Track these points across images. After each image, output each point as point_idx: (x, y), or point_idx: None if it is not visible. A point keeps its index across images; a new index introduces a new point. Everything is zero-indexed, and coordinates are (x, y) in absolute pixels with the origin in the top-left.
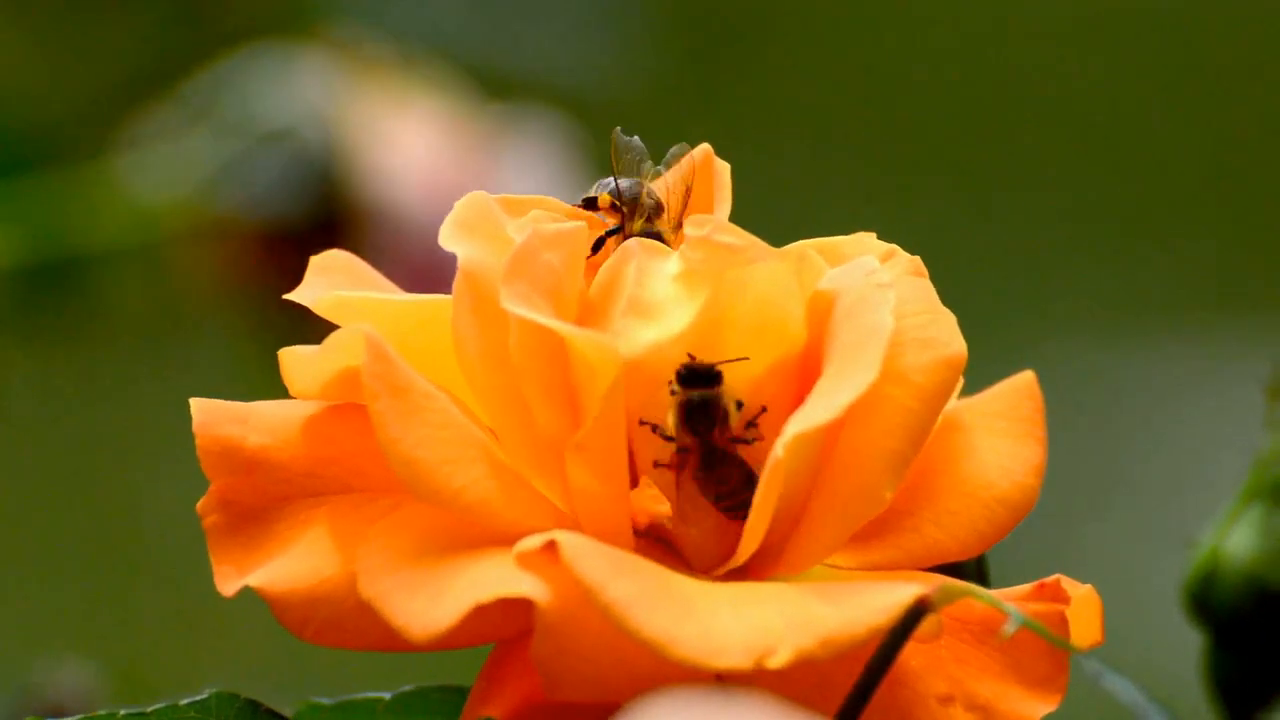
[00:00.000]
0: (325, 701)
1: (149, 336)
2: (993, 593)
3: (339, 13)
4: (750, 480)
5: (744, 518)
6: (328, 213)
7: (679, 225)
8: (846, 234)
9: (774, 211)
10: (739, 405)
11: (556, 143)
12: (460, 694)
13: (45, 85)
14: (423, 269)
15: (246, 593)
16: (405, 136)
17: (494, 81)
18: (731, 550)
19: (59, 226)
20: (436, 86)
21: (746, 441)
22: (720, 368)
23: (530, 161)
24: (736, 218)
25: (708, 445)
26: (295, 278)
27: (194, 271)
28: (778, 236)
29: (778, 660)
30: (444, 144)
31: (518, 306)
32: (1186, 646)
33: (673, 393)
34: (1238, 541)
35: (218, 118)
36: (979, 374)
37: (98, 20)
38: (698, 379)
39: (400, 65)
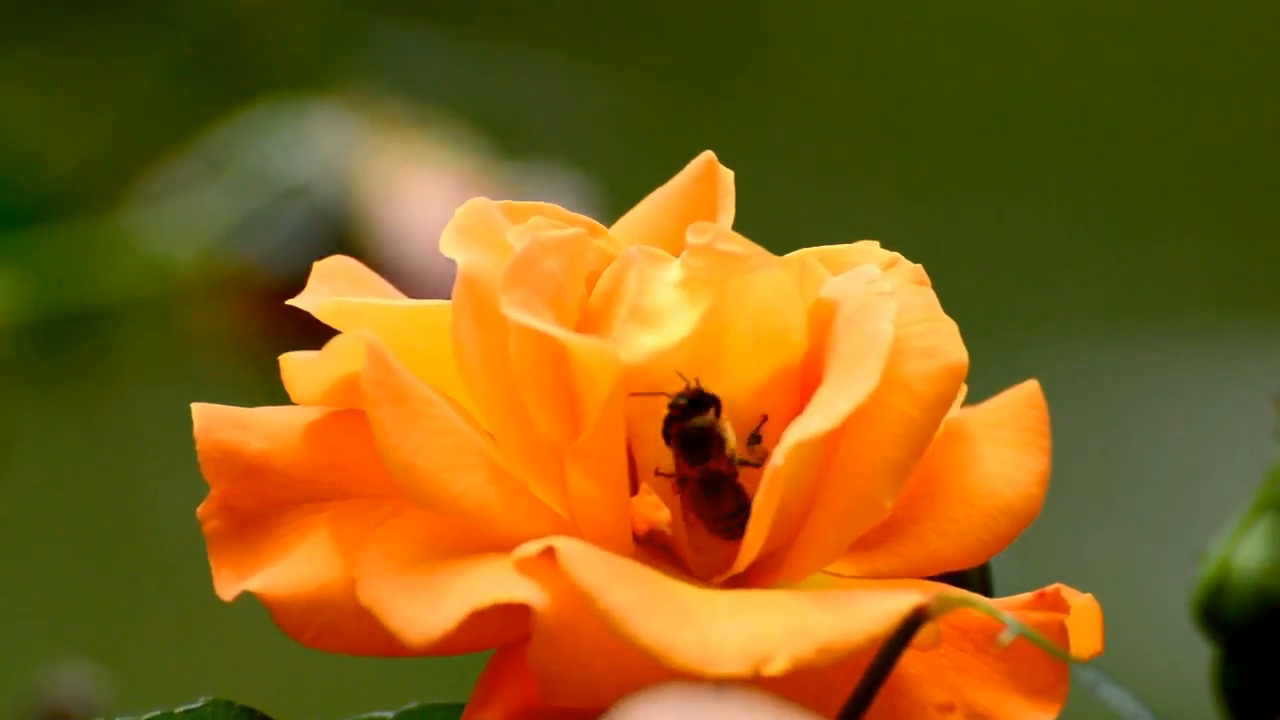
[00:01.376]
0: None
1: (160, 387)
2: (992, 601)
3: (356, 69)
4: (743, 506)
5: (738, 537)
6: None
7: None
8: (846, 238)
9: (773, 214)
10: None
11: (571, 198)
12: (463, 711)
13: (62, 138)
14: None
15: (250, 599)
16: (421, 193)
17: (509, 138)
18: (731, 558)
19: (74, 279)
20: (452, 143)
21: (751, 464)
22: (715, 393)
23: None
24: (738, 226)
25: (706, 472)
26: (309, 333)
27: (207, 325)
28: (778, 242)
29: (775, 668)
30: (459, 201)
31: (518, 313)
32: (1192, 649)
33: (669, 423)
34: (1248, 553)
35: (234, 172)
36: (980, 376)
37: (115, 73)
38: (694, 408)
39: (417, 122)
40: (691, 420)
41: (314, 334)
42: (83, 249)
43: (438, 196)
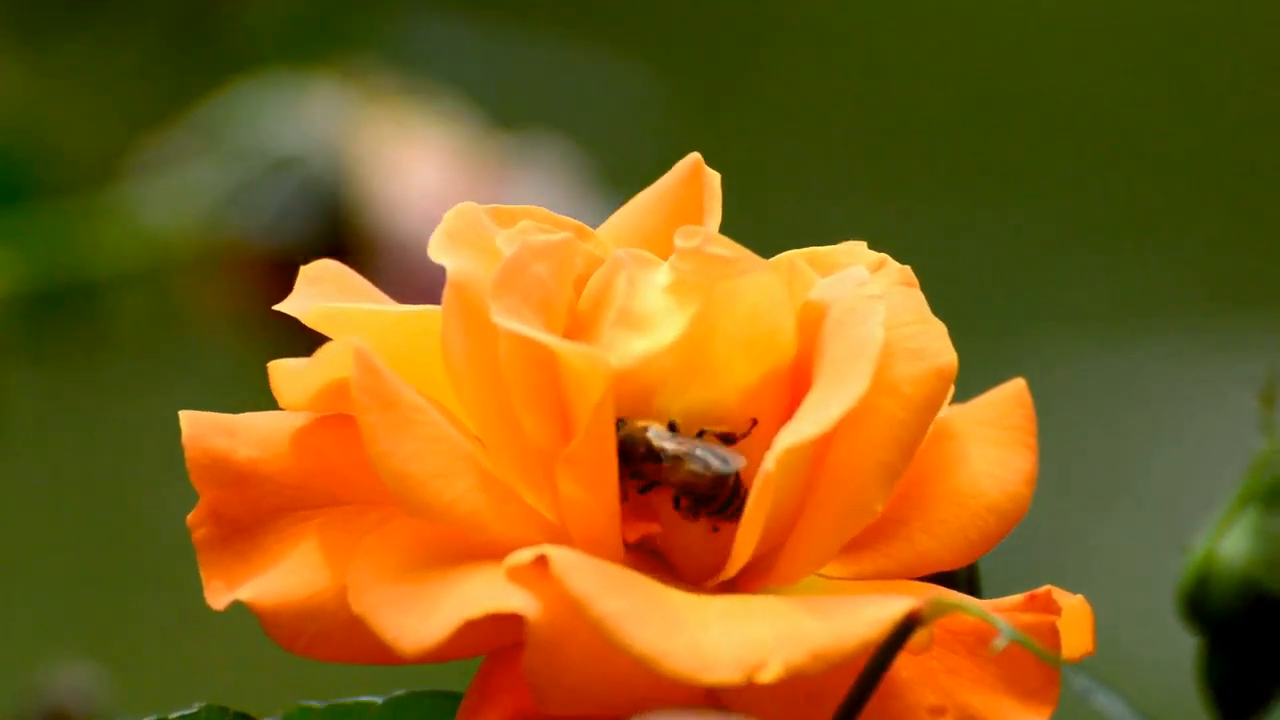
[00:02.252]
0: (316, 705)
1: (154, 361)
2: (983, 603)
3: (349, 41)
4: (713, 498)
5: (734, 518)
6: (335, 241)
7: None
8: (846, 236)
9: (774, 212)
10: (672, 426)
11: (565, 171)
12: (452, 700)
13: (55, 112)
14: (430, 298)
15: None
16: (414, 165)
17: (502, 110)
18: (722, 562)
19: (67, 252)
20: (445, 115)
21: (655, 461)
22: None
23: (539, 190)
24: (737, 222)
25: (654, 476)
26: None
27: (200, 298)
28: (777, 240)
29: (768, 674)
30: (452, 173)
31: (507, 319)
32: (1187, 648)
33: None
34: (1232, 545)
35: (226, 145)
36: (978, 376)
37: (106, 47)
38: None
39: (409, 94)
40: (621, 432)
41: None
42: (75, 224)
43: (430, 169)
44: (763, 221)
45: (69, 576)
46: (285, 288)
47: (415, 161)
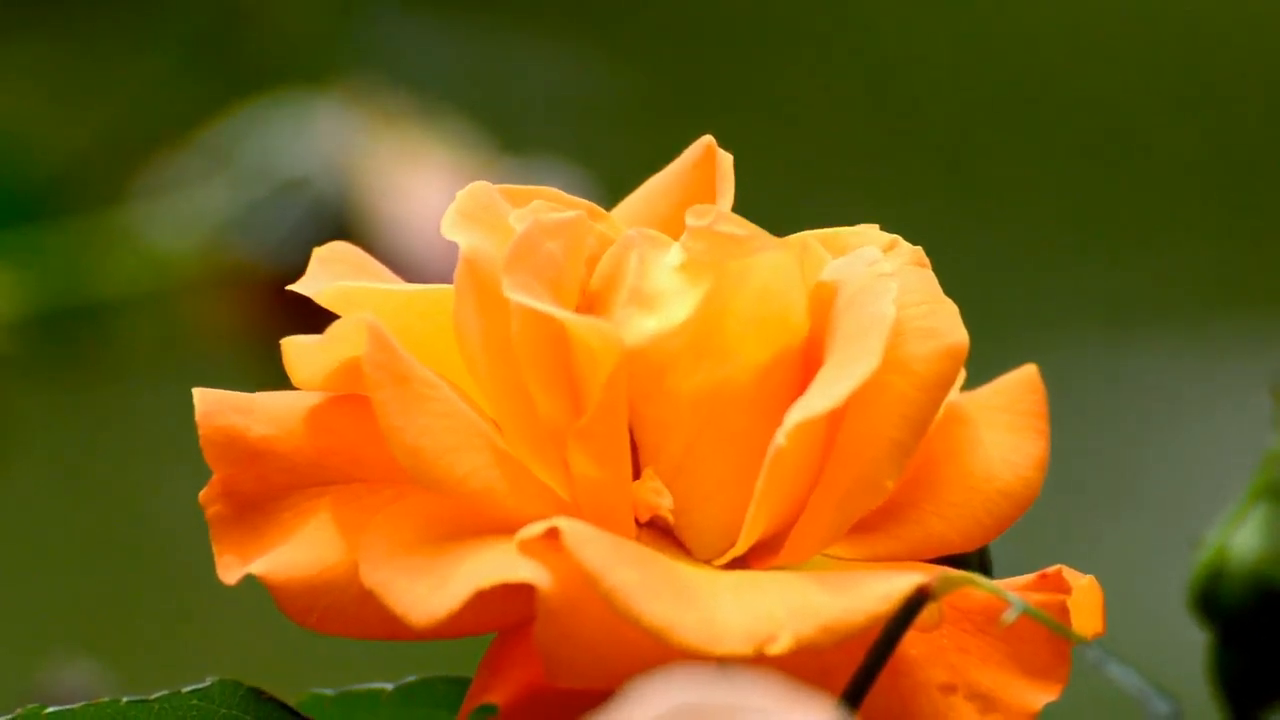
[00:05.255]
0: (328, 692)
1: (160, 381)
2: (994, 582)
3: (356, 62)
4: None
5: None
6: None
7: None
8: None
9: (773, 212)
10: None
11: (570, 193)
12: (463, 685)
13: (62, 131)
14: None
15: (249, 593)
16: (420, 187)
17: (508, 131)
18: (732, 540)
19: (74, 273)
20: (451, 137)
21: None
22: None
23: None
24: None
25: None
26: (309, 325)
27: (207, 319)
28: (778, 235)
29: (778, 647)
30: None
31: (519, 295)
32: (1188, 644)
33: None
34: (1244, 540)
35: (233, 166)
36: (980, 374)
37: (115, 67)
38: None
39: (416, 116)
40: None
41: (314, 327)
42: (83, 243)
43: (437, 190)
44: (761, 223)
45: (73, 582)
46: (291, 309)
47: (421, 183)
